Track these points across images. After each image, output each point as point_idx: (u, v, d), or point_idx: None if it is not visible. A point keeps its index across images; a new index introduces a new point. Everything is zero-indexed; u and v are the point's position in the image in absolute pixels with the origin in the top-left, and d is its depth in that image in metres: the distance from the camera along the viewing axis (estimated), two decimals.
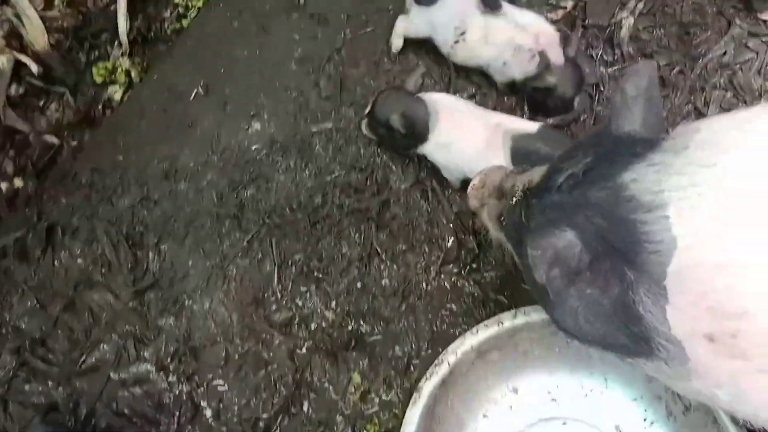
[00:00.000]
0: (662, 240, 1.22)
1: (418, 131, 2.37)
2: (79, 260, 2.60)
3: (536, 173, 1.65)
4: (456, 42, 2.57)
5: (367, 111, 2.51)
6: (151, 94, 2.89)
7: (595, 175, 1.38)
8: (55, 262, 2.61)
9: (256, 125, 2.74)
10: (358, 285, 2.42)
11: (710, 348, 1.21)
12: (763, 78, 2.68)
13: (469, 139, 2.35)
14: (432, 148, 2.42)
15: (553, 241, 1.31)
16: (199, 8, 3.09)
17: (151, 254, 2.54)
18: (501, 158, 2.27)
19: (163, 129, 2.80)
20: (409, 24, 2.71)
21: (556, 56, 2.50)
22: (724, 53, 2.74)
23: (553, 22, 2.76)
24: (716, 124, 1.36)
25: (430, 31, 2.65)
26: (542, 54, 2.46)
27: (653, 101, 1.53)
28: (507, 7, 2.57)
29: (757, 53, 2.73)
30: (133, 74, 3.00)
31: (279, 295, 2.44)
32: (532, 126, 2.35)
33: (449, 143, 2.38)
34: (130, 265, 2.54)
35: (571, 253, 1.30)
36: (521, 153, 2.26)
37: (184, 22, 3.09)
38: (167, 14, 3.14)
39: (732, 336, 1.17)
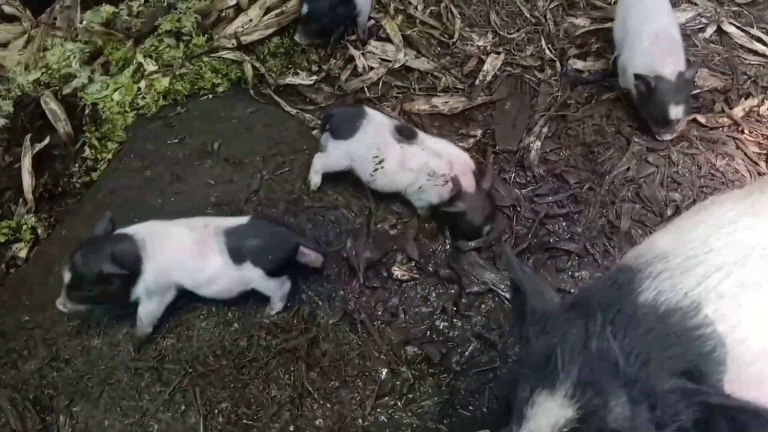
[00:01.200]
0: (716, 341, 1.39)
1: (133, 265, 2.45)
2: None
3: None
4: (375, 170, 2.83)
5: (66, 282, 2.47)
6: (59, 250, 2.97)
7: (620, 324, 1.44)
8: None
9: None
10: (291, 428, 2.45)
11: None
12: (667, 189, 3.04)
13: (181, 248, 2.52)
14: (153, 276, 2.50)
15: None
16: (109, 160, 3.28)
17: (62, 418, 2.51)
18: (218, 257, 2.49)
19: None
20: (327, 159, 2.96)
21: (469, 184, 2.79)
22: (628, 169, 3.11)
23: (465, 150, 3.08)
24: (671, 230, 1.65)
25: (350, 163, 2.91)
26: (455, 180, 2.74)
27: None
28: (422, 135, 2.89)
29: (658, 167, 3.12)
30: (39, 231, 3.09)
31: None
32: (241, 219, 2.60)
33: (166, 262, 2.50)
34: None
35: None
36: (237, 247, 2.50)
37: (94, 175, 3.26)
38: (75, 168, 3.29)
39: None
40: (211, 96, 3.49)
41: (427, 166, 2.77)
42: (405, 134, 2.85)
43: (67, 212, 3.16)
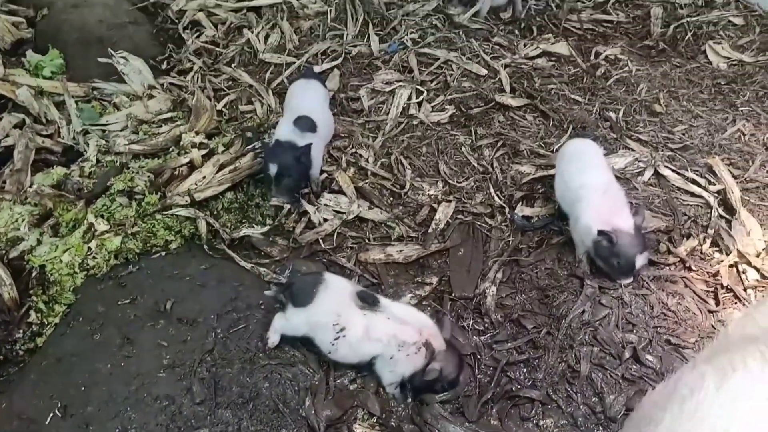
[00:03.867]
0: None
1: None
2: None
3: None
4: (336, 338, 2.80)
5: None
6: None
7: None
8: None
9: None
10: None
11: None
12: (622, 331, 3.10)
13: None
14: None
15: None
16: (56, 324, 3.19)
17: None
18: None
19: None
20: (287, 323, 2.94)
21: (439, 343, 2.80)
22: (583, 311, 3.17)
23: (421, 298, 3.12)
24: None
25: (308, 331, 2.88)
26: (427, 344, 2.74)
27: None
28: (384, 302, 2.89)
29: (612, 308, 3.19)
30: None
31: None
32: None
33: None
34: None
35: None
36: None
37: (39, 341, 3.16)
38: (19, 334, 3.19)
39: None
40: (164, 253, 3.48)
41: (397, 337, 2.74)
42: (368, 301, 2.83)
43: (9, 382, 3.03)
